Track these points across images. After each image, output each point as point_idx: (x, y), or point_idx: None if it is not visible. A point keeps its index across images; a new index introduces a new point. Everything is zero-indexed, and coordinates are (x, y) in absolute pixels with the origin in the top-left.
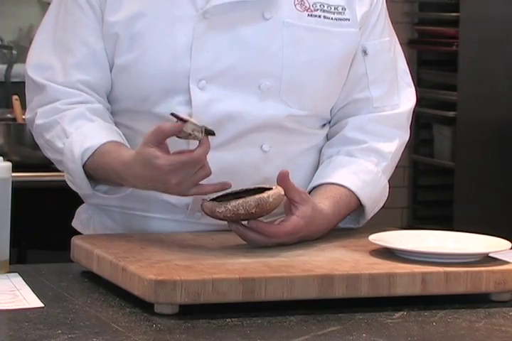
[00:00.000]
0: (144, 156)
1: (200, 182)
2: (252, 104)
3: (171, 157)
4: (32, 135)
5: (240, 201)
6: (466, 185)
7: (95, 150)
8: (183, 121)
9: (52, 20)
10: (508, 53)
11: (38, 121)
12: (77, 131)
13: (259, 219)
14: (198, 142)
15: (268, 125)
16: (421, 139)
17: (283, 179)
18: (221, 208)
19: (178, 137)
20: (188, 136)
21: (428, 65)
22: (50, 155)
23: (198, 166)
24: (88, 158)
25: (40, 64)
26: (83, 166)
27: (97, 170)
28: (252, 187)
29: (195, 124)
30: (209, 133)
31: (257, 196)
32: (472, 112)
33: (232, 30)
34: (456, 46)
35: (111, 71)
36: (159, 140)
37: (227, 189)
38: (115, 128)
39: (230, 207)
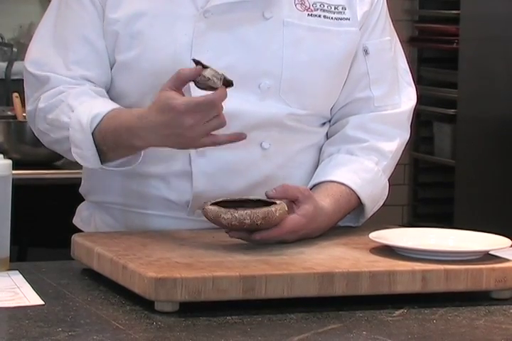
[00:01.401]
0: (161, 100)
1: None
2: (252, 103)
3: (187, 97)
4: (33, 132)
5: (248, 211)
6: (466, 182)
7: (104, 116)
8: (204, 67)
9: (53, 15)
10: (509, 51)
11: (41, 105)
12: (82, 104)
13: None
14: None
15: (268, 123)
16: (421, 137)
17: (275, 193)
18: (227, 215)
19: (195, 84)
20: (206, 81)
21: (428, 63)
22: (53, 135)
23: (213, 111)
24: (97, 125)
25: (39, 59)
26: (92, 135)
27: (106, 136)
28: (252, 197)
29: (215, 71)
30: (227, 82)
31: (265, 209)
32: (472, 110)
33: (232, 29)
34: (456, 44)
35: (111, 68)
36: (178, 84)
37: (243, 139)
38: (119, 105)
39: (236, 215)
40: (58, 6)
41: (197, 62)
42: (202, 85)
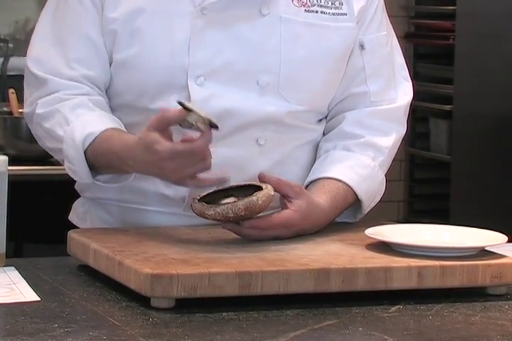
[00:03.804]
0: (146, 141)
1: (200, 175)
2: (251, 100)
3: (170, 144)
4: (28, 128)
5: (229, 205)
6: (462, 178)
7: (97, 136)
8: (188, 110)
9: (52, 12)
10: (505, 47)
11: (38, 111)
12: (78, 119)
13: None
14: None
15: (265, 121)
16: (417, 133)
17: (269, 178)
18: (210, 211)
19: (180, 126)
20: (190, 126)
21: (424, 59)
22: (49, 144)
23: (197, 157)
24: (89, 144)
25: (40, 57)
26: (84, 152)
27: (97, 157)
28: (243, 183)
29: (199, 115)
30: (212, 126)
31: (246, 199)
32: (468, 106)
33: (230, 26)
34: (452, 39)
35: (110, 66)
36: (162, 126)
37: (226, 181)
38: (116, 118)
39: (219, 211)
40: (57, 2)
41: (182, 105)
42: (187, 128)
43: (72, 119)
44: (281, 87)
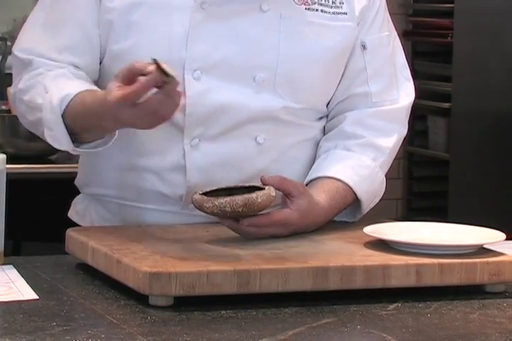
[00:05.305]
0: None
1: None
2: (247, 96)
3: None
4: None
5: (228, 199)
6: (460, 176)
7: (73, 98)
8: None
9: (47, 3)
10: (503, 44)
11: (20, 86)
12: (57, 86)
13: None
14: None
15: (263, 116)
16: (416, 130)
17: (271, 179)
18: (208, 203)
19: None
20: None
21: (423, 56)
22: (30, 118)
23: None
24: (66, 106)
25: (27, 45)
26: (62, 117)
27: (76, 119)
28: (246, 184)
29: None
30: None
31: (246, 195)
32: (467, 103)
33: (229, 21)
34: (450, 37)
35: (103, 58)
36: (130, 77)
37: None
38: (95, 86)
39: (217, 204)
40: None
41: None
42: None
43: (51, 87)
44: (277, 85)
